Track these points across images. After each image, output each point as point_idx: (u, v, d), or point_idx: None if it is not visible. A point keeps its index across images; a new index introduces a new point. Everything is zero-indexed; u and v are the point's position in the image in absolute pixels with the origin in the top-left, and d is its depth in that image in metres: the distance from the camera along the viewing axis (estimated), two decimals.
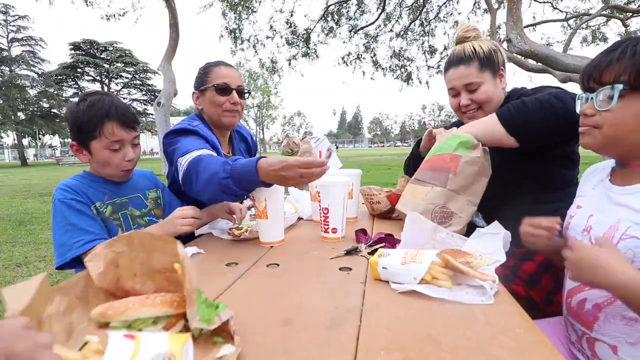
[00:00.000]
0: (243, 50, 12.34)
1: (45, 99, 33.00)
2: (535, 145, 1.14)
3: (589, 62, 0.80)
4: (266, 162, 1.02)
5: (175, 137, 1.35)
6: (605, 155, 0.81)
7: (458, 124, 1.53)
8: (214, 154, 1.26)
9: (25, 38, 33.08)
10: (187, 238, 1.35)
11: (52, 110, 34.10)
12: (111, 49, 36.96)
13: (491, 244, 0.85)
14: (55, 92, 33.41)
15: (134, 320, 0.48)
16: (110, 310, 0.47)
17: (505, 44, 6.59)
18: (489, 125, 1.15)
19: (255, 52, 12.47)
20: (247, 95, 1.55)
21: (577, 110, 0.82)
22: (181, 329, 0.53)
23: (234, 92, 1.47)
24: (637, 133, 0.72)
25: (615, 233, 0.72)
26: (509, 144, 1.13)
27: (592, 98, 0.76)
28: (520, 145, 1.12)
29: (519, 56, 6.99)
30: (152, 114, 33.19)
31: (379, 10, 12.10)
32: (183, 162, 1.21)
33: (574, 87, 7.00)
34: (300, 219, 1.47)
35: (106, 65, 36.66)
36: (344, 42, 12.92)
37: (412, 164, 1.58)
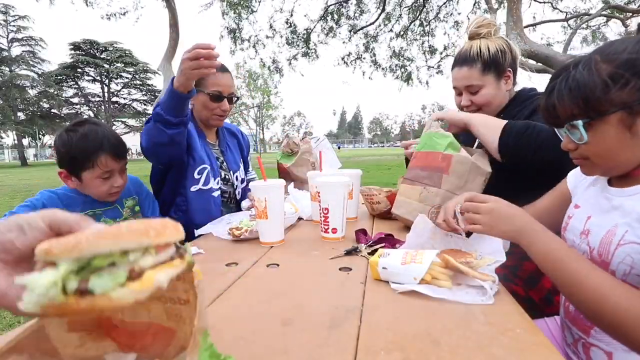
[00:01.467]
0: (243, 50, 12.34)
1: (45, 99, 33.01)
2: (520, 166, 1.13)
3: (539, 99, 0.78)
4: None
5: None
6: (611, 176, 0.79)
7: None
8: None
9: (25, 38, 33.09)
10: (186, 238, 1.36)
11: (52, 110, 34.12)
12: (111, 49, 36.95)
13: (491, 244, 0.85)
14: (56, 92, 33.41)
15: (91, 257, 0.32)
16: (56, 248, 0.32)
17: None
18: (491, 134, 1.14)
19: (256, 51, 12.47)
20: (236, 100, 1.66)
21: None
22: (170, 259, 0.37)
23: (225, 99, 1.58)
24: (625, 151, 0.70)
25: (613, 238, 0.71)
26: (494, 155, 1.16)
27: (565, 133, 0.75)
28: (502, 162, 1.15)
29: (519, 56, 6.99)
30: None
31: (379, 10, 12.11)
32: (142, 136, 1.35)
33: None
34: (300, 219, 1.47)
35: (106, 65, 36.64)
36: (343, 42, 12.93)
37: None
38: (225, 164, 1.69)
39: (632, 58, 0.65)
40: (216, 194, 1.57)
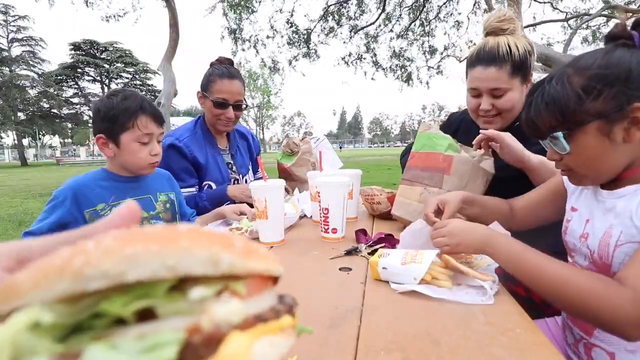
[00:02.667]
0: (244, 50, 12.34)
1: (45, 99, 33.02)
2: None
3: (520, 113, 0.81)
4: None
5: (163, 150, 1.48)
6: (599, 184, 0.81)
7: (458, 119, 1.50)
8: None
9: (25, 38, 33.10)
10: None
11: (52, 110, 34.14)
12: (111, 49, 36.97)
13: None
14: (56, 93, 33.42)
15: (97, 296, 0.15)
16: (25, 277, 0.16)
17: None
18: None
19: (257, 52, 12.48)
20: (244, 106, 1.66)
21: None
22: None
23: (230, 107, 1.57)
24: (607, 158, 0.72)
25: (610, 240, 0.72)
26: None
27: (549, 144, 0.77)
28: None
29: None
30: None
31: (379, 10, 12.11)
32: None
33: None
34: (303, 216, 1.48)
35: (106, 66, 36.66)
36: (344, 42, 12.93)
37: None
38: (235, 167, 1.72)
39: (602, 69, 0.68)
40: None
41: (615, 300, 0.59)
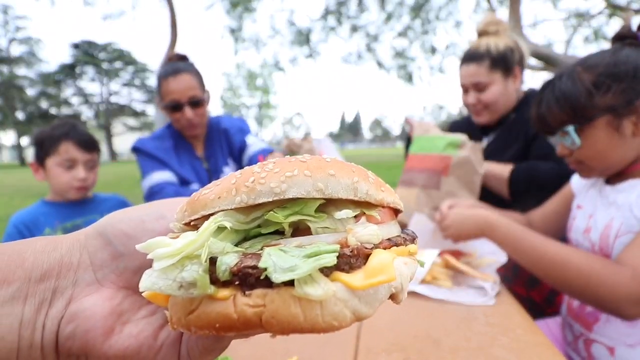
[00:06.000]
0: (245, 50, 12.31)
1: (44, 98, 32.98)
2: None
3: (530, 110, 0.84)
4: None
5: (135, 154, 1.46)
6: (609, 175, 0.83)
7: (460, 124, 1.54)
8: (166, 175, 1.37)
9: (24, 38, 33.05)
10: None
11: (51, 110, 34.08)
12: (110, 49, 36.92)
13: (492, 244, 0.85)
14: (54, 92, 33.38)
15: (263, 211, 0.19)
16: (212, 191, 0.20)
17: None
18: (499, 181, 1.18)
19: (257, 51, 12.44)
20: (206, 101, 1.45)
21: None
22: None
23: (186, 108, 1.37)
24: (616, 151, 0.75)
25: (611, 231, 0.74)
26: (504, 195, 1.20)
27: (559, 140, 0.80)
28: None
29: (527, 55, 7.00)
30: (151, 115, 33.14)
31: (379, 10, 12.09)
32: (144, 184, 1.34)
33: None
34: None
35: (105, 66, 36.63)
36: (345, 42, 12.90)
37: None
38: (209, 172, 1.59)
39: (610, 66, 0.71)
40: None
41: (615, 277, 0.61)
